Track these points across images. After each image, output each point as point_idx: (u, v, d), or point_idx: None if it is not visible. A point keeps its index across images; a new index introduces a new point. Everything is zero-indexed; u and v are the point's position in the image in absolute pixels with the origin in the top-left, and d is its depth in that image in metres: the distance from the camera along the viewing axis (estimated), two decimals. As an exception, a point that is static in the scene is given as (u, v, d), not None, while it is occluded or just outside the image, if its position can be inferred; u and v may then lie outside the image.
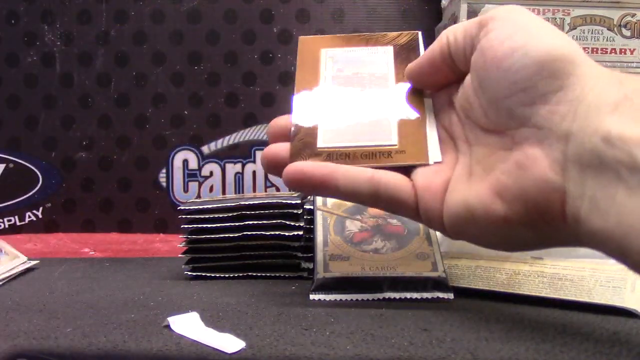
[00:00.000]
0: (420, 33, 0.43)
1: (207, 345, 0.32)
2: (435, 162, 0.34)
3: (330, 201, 0.49)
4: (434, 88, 0.38)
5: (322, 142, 0.37)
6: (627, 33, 0.67)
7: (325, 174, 0.34)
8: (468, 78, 0.34)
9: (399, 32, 0.43)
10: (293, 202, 0.51)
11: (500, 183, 0.30)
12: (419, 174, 0.34)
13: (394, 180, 0.34)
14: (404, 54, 0.41)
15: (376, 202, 0.34)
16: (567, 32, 0.67)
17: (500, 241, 0.31)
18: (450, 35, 0.34)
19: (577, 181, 0.27)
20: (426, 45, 0.39)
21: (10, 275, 0.51)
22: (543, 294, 0.40)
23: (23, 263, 0.55)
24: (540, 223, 0.29)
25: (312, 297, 0.42)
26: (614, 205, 0.25)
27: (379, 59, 0.42)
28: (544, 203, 0.28)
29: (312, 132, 0.37)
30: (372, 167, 0.35)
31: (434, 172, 0.34)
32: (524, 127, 0.29)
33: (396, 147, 0.36)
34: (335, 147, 0.36)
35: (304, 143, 0.37)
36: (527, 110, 0.29)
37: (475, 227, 0.31)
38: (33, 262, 0.56)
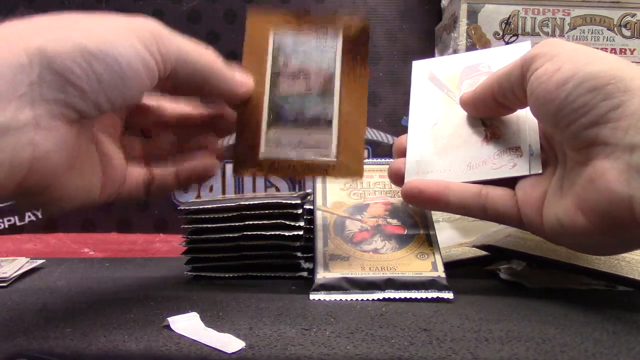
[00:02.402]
0: (368, 27, 0.42)
1: (207, 345, 0.32)
2: (535, 174, 0.37)
3: (331, 201, 0.49)
4: (495, 114, 0.41)
5: (264, 153, 0.38)
6: (627, 33, 0.67)
7: (438, 191, 0.39)
8: None
9: (350, 17, 0.42)
10: (293, 202, 0.51)
11: (579, 197, 0.32)
12: (520, 187, 0.38)
13: (499, 194, 0.38)
14: (353, 49, 0.41)
15: (484, 215, 0.38)
16: (567, 32, 0.67)
17: (592, 248, 0.35)
18: (495, 84, 0.37)
19: None
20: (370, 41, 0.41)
21: (17, 275, 0.51)
22: (600, 268, 0.41)
23: (27, 263, 0.55)
24: (616, 230, 0.31)
25: (312, 297, 0.42)
26: None
27: (327, 52, 0.41)
28: (614, 212, 0.30)
29: (256, 141, 0.39)
30: (480, 183, 0.38)
31: (533, 185, 0.37)
32: (592, 146, 0.32)
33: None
34: (277, 158, 0.38)
35: (247, 149, 0.39)
36: (592, 132, 0.31)
37: (569, 237, 0.34)
38: (38, 262, 0.56)
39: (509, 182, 0.38)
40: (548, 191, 0.36)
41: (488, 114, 0.40)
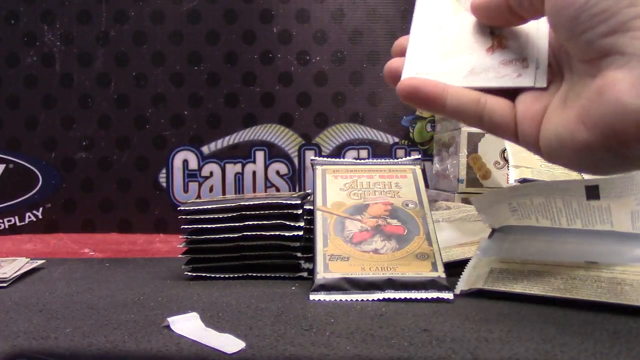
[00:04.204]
0: None
1: (207, 346, 0.32)
2: (539, 88, 0.35)
3: (330, 201, 0.49)
4: (507, 24, 0.39)
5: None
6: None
7: (436, 92, 0.36)
8: None
9: None
10: (293, 202, 0.51)
11: (583, 109, 0.31)
12: (521, 100, 0.36)
13: (498, 104, 0.36)
14: None
15: (480, 123, 0.37)
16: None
17: (588, 165, 0.33)
18: None
19: None
20: None
21: (17, 275, 0.51)
22: (603, 299, 0.39)
23: (27, 263, 0.55)
24: (619, 146, 0.30)
25: (312, 297, 0.42)
26: None
27: None
28: (620, 126, 0.29)
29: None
30: (480, 90, 0.36)
31: (535, 99, 0.35)
32: (607, 56, 0.30)
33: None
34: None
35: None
36: (608, 40, 0.30)
37: (565, 153, 0.32)
38: (38, 262, 0.56)
39: (510, 94, 0.36)
40: (550, 106, 0.34)
41: (499, 22, 0.38)
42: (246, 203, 0.51)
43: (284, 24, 0.79)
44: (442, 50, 0.41)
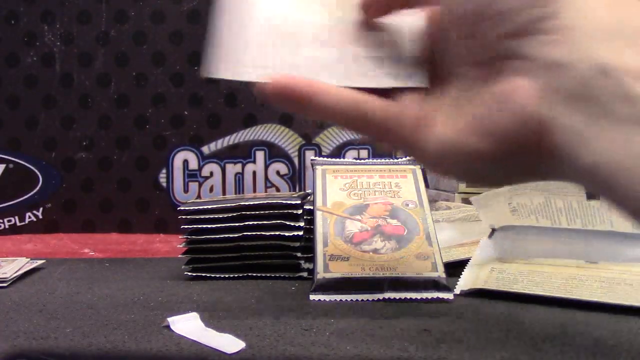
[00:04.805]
0: None
1: (207, 346, 0.32)
2: (420, 87, 0.31)
3: (331, 201, 0.49)
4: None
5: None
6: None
7: (311, 91, 0.30)
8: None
9: None
10: (293, 202, 0.51)
11: (481, 118, 0.28)
12: (402, 101, 0.31)
13: (378, 102, 0.31)
14: None
15: (358, 127, 0.32)
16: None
17: (481, 176, 0.30)
18: None
19: (563, 113, 0.25)
20: None
21: (17, 276, 0.51)
22: (603, 299, 0.39)
23: (27, 263, 0.55)
24: (519, 158, 0.27)
25: (312, 297, 0.42)
26: (603, 140, 0.23)
27: None
28: (522, 137, 0.26)
29: None
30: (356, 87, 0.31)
31: (417, 101, 0.31)
32: (510, 59, 0.27)
33: None
34: None
35: None
36: (514, 42, 0.26)
37: (458, 163, 0.29)
38: (38, 262, 0.56)
39: (387, 93, 0.31)
40: (436, 110, 0.30)
41: (379, 9, 0.33)
42: (246, 203, 0.51)
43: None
44: (293, 41, 0.33)
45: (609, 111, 0.23)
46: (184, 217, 0.52)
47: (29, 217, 0.79)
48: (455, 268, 0.48)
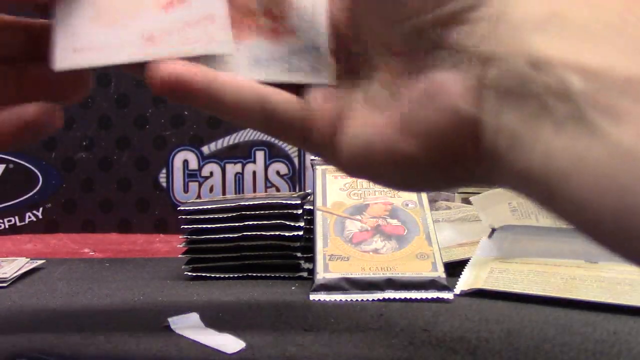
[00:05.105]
0: None
1: (207, 346, 0.32)
2: (325, 83, 0.28)
3: (330, 201, 0.49)
4: None
5: None
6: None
7: (209, 82, 0.26)
8: None
9: None
10: (293, 202, 0.51)
11: (406, 117, 0.25)
12: (311, 96, 0.28)
13: (283, 97, 0.27)
14: None
15: (262, 124, 0.28)
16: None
17: (404, 181, 0.27)
18: None
19: (495, 112, 0.22)
20: None
21: (17, 276, 0.51)
22: (603, 299, 0.39)
23: (27, 263, 0.55)
24: (449, 161, 0.24)
25: (312, 297, 0.42)
26: (538, 143, 0.21)
27: None
28: (453, 137, 0.23)
29: None
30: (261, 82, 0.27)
31: (327, 97, 0.28)
32: (436, 49, 0.24)
33: None
34: None
35: None
36: (440, 32, 0.23)
37: (375, 165, 0.26)
38: (38, 262, 0.56)
39: (292, 87, 0.28)
40: (350, 107, 0.27)
41: None
42: (246, 203, 0.51)
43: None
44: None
45: (544, 110, 0.21)
46: (184, 217, 0.52)
47: (29, 217, 0.79)
48: (455, 268, 0.48)
